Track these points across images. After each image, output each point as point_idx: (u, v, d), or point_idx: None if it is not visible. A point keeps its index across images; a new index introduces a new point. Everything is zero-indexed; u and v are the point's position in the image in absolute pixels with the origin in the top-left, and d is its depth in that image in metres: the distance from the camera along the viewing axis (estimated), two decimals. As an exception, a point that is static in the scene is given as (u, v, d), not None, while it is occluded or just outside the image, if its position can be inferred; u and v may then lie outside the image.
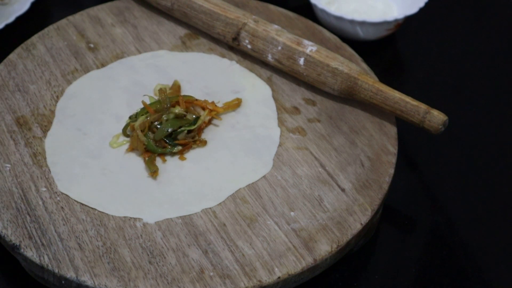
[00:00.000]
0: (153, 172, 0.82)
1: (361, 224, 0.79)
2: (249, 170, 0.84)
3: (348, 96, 0.90)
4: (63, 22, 0.99)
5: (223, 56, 0.97)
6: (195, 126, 0.85)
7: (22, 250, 0.75)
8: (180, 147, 0.84)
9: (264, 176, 0.83)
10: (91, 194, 0.81)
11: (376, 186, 0.82)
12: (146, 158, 0.83)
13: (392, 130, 0.88)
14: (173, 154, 0.85)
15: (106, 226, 0.78)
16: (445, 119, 0.84)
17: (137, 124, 0.84)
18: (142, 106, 0.87)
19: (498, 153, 0.98)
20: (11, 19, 1.03)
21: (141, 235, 0.77)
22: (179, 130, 0.85)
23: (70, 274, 0.74)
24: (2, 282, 0.81)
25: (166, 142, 0.84)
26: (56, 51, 0.95)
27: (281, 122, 0.89)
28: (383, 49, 1.10)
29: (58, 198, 0.80)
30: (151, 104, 0.86)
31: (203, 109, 0.87)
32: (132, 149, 0.85)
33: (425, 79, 1.07)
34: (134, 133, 0.84)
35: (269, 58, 0.93)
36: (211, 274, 0.74)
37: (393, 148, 0.86)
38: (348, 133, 0.88)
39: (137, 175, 0.83)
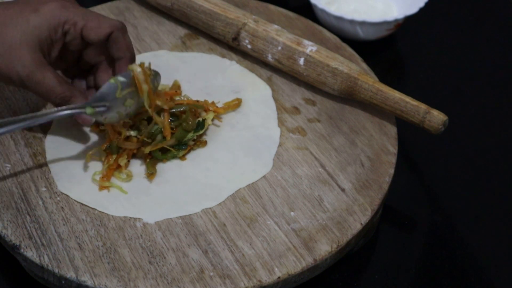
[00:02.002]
0: (151, 174, 0.82)
1: (361, 224, 0.79)
2: (249, 170, 0.84)
3: (348, 96, 0.90)
4: (63, 22, 0.99)
5: (223, 56, 0.97)
6: (203, 131, 0.85)
7: (22, 250, 0.75)
8: (184, 151, 0.84)
9: (264, 176, 0.83)
10: (91, 194, 0.81)
11: (376, 186, 0.83)
12: (148, 160, 0.83)
13: (392, 130, 0.88)
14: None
15: (106, 226, 0.78)
16: (445, 119, 0.84)
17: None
18: None
19: (498, 153, 0.98)
20: None
21: (141, 235, 0.77)
22: (186, 138, 0.84)
23: (70, 274, 0.74)
24: (2, 282, 0.81)
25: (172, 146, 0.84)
26: (56, 51, 0.95)
27: (281, 122, 0.89)
28: (383, 49, 1.10)
29: (58, 198, 0.80)
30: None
31: (205, 110, 0.87)
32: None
33: (425, 79, 1.07)
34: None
35: (269, 58, 0.93)
36: (211, 274, 0.74)
37: (393, 148, 0.86)
38: (348, 133, 0.88)
39: (137, 175, 0.83)
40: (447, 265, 0.85)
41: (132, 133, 0.82)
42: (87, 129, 0.86)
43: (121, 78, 0.80)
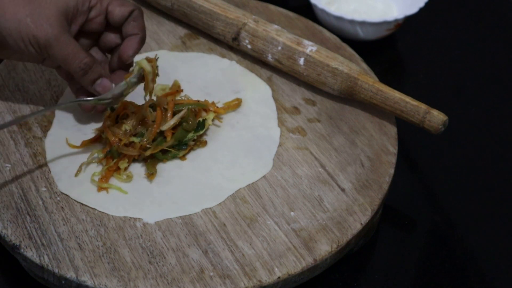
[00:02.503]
0: (151, 174, 0.82)
1: (361, 224, 0.79)
2: (249, 170, 0.84)
3: (348, 96, 0.90)
4: (63, 22, 0.99)
5: (223, 56, 0.97)
6: (203, 131, 0.85)
7: (22, 250, 0.75)
8: (184, 151, 0.84)
9: (264, 176, 0.83)
10: (91, 194, 0.81)
11: (376, 186, 0.83)
12: (148, 160, 0.83)
13: (392, 130, 0.88)
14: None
15: (106, 226, 0.78)
16: (445, 119, 0.84)
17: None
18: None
19: (498, 153, 0.98)
20: None
21: (141, 235, 0.77)
22: (186, 138, 0.84)
23: (70, 274, 0.74)
24: (2, 282, 0.81)
25: (172, 147, 0.84)
26: (56, 51, 0.95)
27: (281, 122, 0.89)
28: (383, 49, 1.10)
29: (58, 198, 0.80)
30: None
31: (206, 111, 0.87)
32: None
33: (425, 79, 1.07)
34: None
35: (269, 58, 0.93)
36: (211, 274, 0.74)
37: (393, 148, 0.86)
38: (348, 133, 0.88)
39: (137, 175, 0.83)
40: (447, 265, 0.85)
41: (135, 139, 0.82)
42: (87, 130, 0.86)
43: (132, 79, 0.83)
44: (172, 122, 0.83)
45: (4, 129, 0.83)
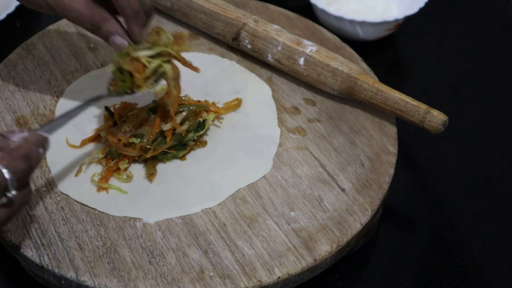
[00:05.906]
0: (151, 174, 0.82)
1: (361, 224, 0.79)
2: (249, 170, 0.84)
3: (348, 96, 0.90)
4: (63, 22, 0.99)
5: (223, 56, 0.97)
6: (203, 131, 0.85)
7: (22, 250, 0.75)
8: (184, 151, 0.84)
9: (264, 176, 0.83)
10: (91, 194, 0.81)
11: (376, 186, 0.83)
12: (148, 160, 0.83)
13: (392, 130, 0.88)
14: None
15: (106, 226, 0.78)
16: (445, 119, 0.84)
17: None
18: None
19: (498, 153, 0.98)
20: (11, 9, 1.04)
21: (141, 235, 0.77)
22: (186, 138, 0.84)
23: (70, 274, 0.74)
24: (2, 282, 0.81)
25: (172, 147, 0.84)
26: (56, 51, 0.95)
27: (281, 122, 0.89)
28: (383, 49, 1.10)
29: (58, 198, 0.80)
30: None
31: (206, 111, 0.87)
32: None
33: (425, 79, 1.07)
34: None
35: (269, 58, 0.93)
36: (211, 274, 0.74)
37: (393, 148, 0.86)
38: (348, 133, 0.88)
39: (137, 175, 0.83)
40: (447, 265, 0.85)
41: (135, 140, 0.82)
42: (87, 130, 0.86)
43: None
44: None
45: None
